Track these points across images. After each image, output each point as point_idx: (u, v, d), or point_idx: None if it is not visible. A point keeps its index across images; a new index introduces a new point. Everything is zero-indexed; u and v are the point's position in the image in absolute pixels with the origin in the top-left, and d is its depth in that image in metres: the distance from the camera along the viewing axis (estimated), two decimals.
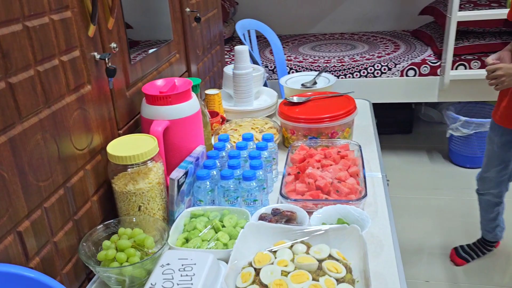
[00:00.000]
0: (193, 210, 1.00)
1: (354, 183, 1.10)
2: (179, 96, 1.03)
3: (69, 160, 0.81)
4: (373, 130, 1.49)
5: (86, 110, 0.87)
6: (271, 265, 0.79)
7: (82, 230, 0.86)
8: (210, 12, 1.71)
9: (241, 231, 0.88)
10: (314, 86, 1.61)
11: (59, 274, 0.79)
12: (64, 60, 0.79)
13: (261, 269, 0.78)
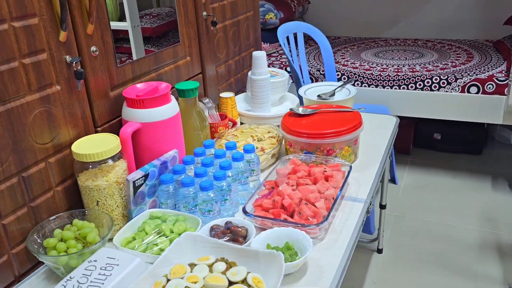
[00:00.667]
0: (153, 212, 1.04)
1: (322, 207, 1.05)
2: (152, 101, 1.07)
3: (26, 152, 0.90)
4: (384, 150, 1.39)
5: (52, 108, 0.95)
6: (180, 279, 0.80)
7: (40, 216, 0.95)
8: (241, 15, 1.72)
9: (175, 240, 0.90)
10: (331, 98, 1.54)
11: (8, 253, 0.89)
12: (26, 63, 0.88)
13: (170, 281, 0.80)
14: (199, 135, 1.33)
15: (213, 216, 1.02)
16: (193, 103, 1.31)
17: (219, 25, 1.58)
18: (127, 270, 0.83)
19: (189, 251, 0.90)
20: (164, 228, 0.96)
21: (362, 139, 1.45)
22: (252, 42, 1.85)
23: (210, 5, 1.50)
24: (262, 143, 1.36)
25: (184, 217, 1.02)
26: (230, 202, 1.07)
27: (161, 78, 1.30)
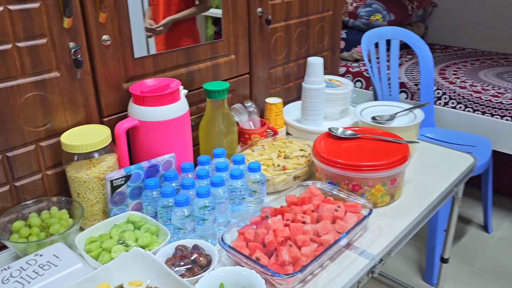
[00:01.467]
0: (132, 215, 0.98)
1: (309, 254, 0.88)
2: (153, 99, 1.01)
3: (12, 133, 0.92)
4: (438, 195, 1.13)
5: (48, 93, 0.95)
6: None
7: (23, 197, 0.97)
8: (314, 14, 1.55)
9: (123, 254, 0.84)
10: (388, 122, 1.30)
11: None
12: (20, 46, 0.88)
13: None
14: (222, 139, 1.24)
15: (184, 235, 0.93)
16: (220, 105, 1.22)
17: (280, 23, 1.44)
18: (61, 274, 0.80)
19: (133, 269, 0.82)
20: (127, 236, 0.91)
21: (416, 176, 1.21)
22: (326, 45, 1.67)
23: (270, 2, 1.38)
24: (287, 161, 1.21)
25: (157, 228, 0.95)
26: (211, 223, 0.96)
27: (192, 75, 1.23)
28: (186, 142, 1.10)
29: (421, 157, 1.35)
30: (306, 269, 0.84)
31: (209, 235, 0.97)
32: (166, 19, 1.14)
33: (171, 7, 1.16)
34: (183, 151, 1.09)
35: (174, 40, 1.18)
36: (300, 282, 0.87)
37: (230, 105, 1.37)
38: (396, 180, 1.10)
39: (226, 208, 1.01)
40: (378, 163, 1.06)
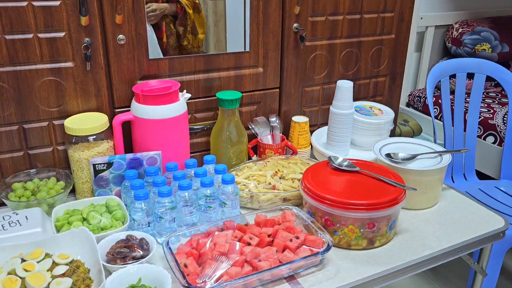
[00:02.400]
0: (111, 199, 1.07)
1: (232, 273, 0.86)
2: (147, 98, 1.09)
3: (28, 108, 1.09)
4: (425, 255, 0.98)
5: (62, 80, 1.09)
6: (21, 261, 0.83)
7: (34, 162, 1.14)
8: (369, 36, 1.46)
9: (72, 228, 0.93)
10: (405, 162, 1.16)
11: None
12: (40, 37, 1.04)
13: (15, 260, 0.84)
14: (228, 148, 1.27)
15: (139, 227, 0.99)
16: (231, 114, 1.25)
17: (322, 42, 1.40)
18: (19, 233, 0.92)
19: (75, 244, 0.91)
20: (91, 216, 1.00)
21: (420, 227, 1.09)
22: (384, 70, 1.56)
23: (310, 18, 1.35)
24: (280, 182, 1.18)
25: (123, 216, 1.03)
26: (167, 222, 1.00)
27: (211, 82, 1.28)
28: (179, 143, 1.16)
29: (443, 208, 1.18)
30: (215, 286, 0.83)
31: (167, 233, 1.01)
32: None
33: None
34: (175, 151, 1.15)
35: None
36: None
37: (254, 117, 1.39)
38: (375, 225, 0.99)
39: (191, 212, 1.04)
40: (352, 201, 0.98)
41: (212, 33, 1.35)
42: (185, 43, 1.32)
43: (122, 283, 0.84)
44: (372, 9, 1.45)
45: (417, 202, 1.17)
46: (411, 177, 1.14)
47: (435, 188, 1.18)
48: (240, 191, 1.14)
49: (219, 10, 1.35)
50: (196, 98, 1.29)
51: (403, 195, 1.02)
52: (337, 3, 1.38)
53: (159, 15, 1.28)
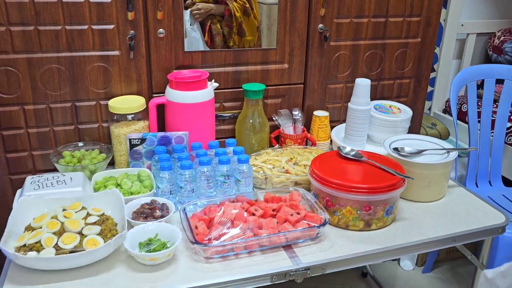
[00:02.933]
0: (142, 171, 1.24)
1: (233, 235, 0.99)
2: (178, 84, 1.25)
3: (80, 89, 1.28)
4: (416, 240, 1.05)
5: (109, 66, 1.27)
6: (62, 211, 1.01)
7: (82, 136, 1.33)
8: (393, 39, 1.53)
9: (106, 190, 1.10)
10: (412, 156, 1.23)
11: (53, 147, 1.31)
12: (93, 28, 1.22)
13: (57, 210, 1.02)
14: (250, 136, 1.40)
15: (162, 193, 1.15)
16: (254, 104, 1.38)
17: (346, 42, 1.49)
18: (63, 189, 1.11)
19: (108, 202, 1.08)
20: (124, 182, 1.17)
21: (418, 216, 1.17)
22: (409, 73, 1.62)
23: (335, 20, 1.45)
24: (294, 167, 1.29)
25: (151, 184, 1.19)
26: (187, 192, 1.14)
27: (239, 74, 1.42)
28: (205, 126, 1.31)
29: (447, 202, 1.25)
30: (218, 244, 0.96)
31: (185, 201, 1.16)
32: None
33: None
34: (201, 133, 1.30)
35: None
36: (221, 258, 0.99)
37: (278, 109, 1.51)
38: (371, 208, 1.08)
39: (209, 186, 1.18)
40: (351, 184, 1.07)
41: (265, 36, 1.47)
42: (231, 44, 1.45)
43: (142, 235, 1.00)
44: (397, 13, 1.53)
45: (421, 195, 1.24)
46: (415, 170, 1.21)
47: (439, 183, 1.24)
48: (256, 173, 1.26)
49: (273, 14, 1.45)
50: (225, 88, 1.43)
51: (400, 183, 1.10)
52: (362, 6, 1.47)
53: (204, 13, 1.42)
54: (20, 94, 1.24)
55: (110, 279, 0.91)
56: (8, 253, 0.88)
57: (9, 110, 1.25)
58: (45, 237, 0.92)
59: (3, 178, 1.31)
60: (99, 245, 0.92)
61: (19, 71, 1.22)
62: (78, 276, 0.91)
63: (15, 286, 0.89)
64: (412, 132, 1.64)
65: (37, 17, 1.18)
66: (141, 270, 0.94)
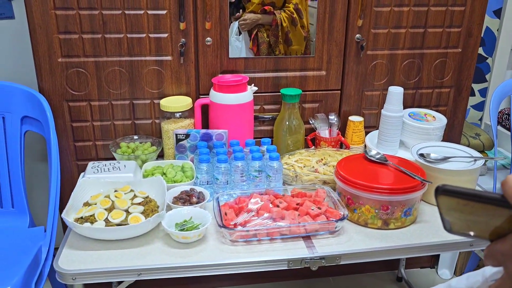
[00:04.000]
0: (186, 163, 1.39)
1: (257, 223, 1.10)
2: (220, 87, 1.39)
3: (137, 89, 1.46)
4: (433, 241, 1.10)
5: (162, 69, 1.44)
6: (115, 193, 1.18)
7: (137, 130, 1.51)
8: (432, 49, 1.57)
9: (152, 177, 1.26)
10: (438, 163, 1.27)
11: (112, 138, 1.50)
12: (150, 36, 1.40)
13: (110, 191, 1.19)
14: (286, 137, 1.51)
15: (200, 183, 1.29)
16: (291, 107, 1.49)
17: (383, 51, 1.56)
18: (117, 175, 1.29)
19: (152, 187, 1.24)
20: (168, 171, 1.32)
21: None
22: (448, 82, 1.64)
23: (373, 30, 1.52)
24: (323, 167, 1.38)
25: (192, 175, 1.34)
26: (222, 183, 1.28)
27: (279, 80, 1.53)
28: (244, 125, 1.44)
29: None
30: (242, 229, 1.08)
31: (220, 191, 1.29)
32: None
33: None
34: (239, 132, 1.43)
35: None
36: (244, 242, 1.11)
37: (315, 113, 1.60)
38: (388, 208, 1.14)
39: (242, 180, 1.30)
40: (370, 184, 1.15)
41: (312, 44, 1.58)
42: (277, 52, 1.57)
43: (178, 217, 1.15)
44: (436, 24, 1.57)
45: None
46: (439, 175, 1.26)
47: None
48: (287, 170, 1.37)
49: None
50: (265, 92, 1.55)
51: (419, 186, 1.16)
52: (400, 17, 1.53)
53: (250, 24, 1.56)
54: (88, 92, 1.45)
55: (148, 252, 1.07)
56: (69, 222, 1.06)
57: (79, 105, 1.47)
58: (98, 212, 1.10)
59: (72, 163, 1.53)
60: (141, 221, 1.08)
61: (88, 72, 1.43)
62: (122, 247, 1.08)
63: (72, 250, 1.07)
64: (451, 141, 1.66)
65: (104, 26, 1.38)
66: (175, 246, 1.09)
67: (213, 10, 1.42)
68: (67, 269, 1.01)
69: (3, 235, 1.38)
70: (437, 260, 2.01)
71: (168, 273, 1.04)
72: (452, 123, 1.73)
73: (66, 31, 1.37)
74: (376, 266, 1.98)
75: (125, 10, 1.38)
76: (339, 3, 1.48)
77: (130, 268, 1.02)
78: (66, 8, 1.35)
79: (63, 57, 1.40)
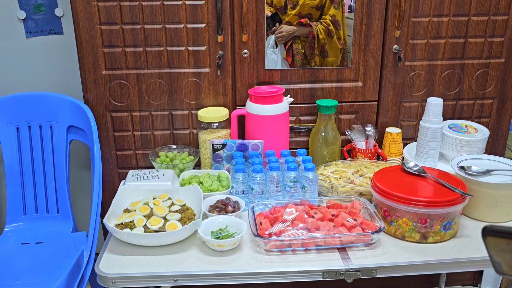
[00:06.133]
0: (222, 172, 1.42)
1: (292, 233, 1.10)
2: (256, 98, 1.41)
3: (176, 100, 1.50)
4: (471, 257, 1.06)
5: (200, 81, 1.48)
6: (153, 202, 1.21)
7: (176, 140, 1.55)
8: (473, 59, 1.53)
9: (189, 186, 1.29)
10: (479, 176, 1.22)
11: (151, 147, 1.55)
12: (189, 49, 1.44)
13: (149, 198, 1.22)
14: (322, 148, 1.51)
15: (236, 193, 1.30)
16: (327, 119, 1.49)
17: (422, 62, 1.53)
18: (155, 183, 1.32)
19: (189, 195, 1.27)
20: (205, 181, 1.35)
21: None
22: (491, 93, 1.60)
23: (411, 41, 1.50)
24: (359, 179, 1.36)
25: (228, 184, 1.35)
26: (257, 193, 1.29)
27: (315, 91, 1.53)
28: (279, 136, 1.44)
29: None
30: (277, 239, 1.08)
31: (255, 201, 1.30)
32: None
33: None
34: (275, 142, 1.44)
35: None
36: (279, 252, 1.11)
37: (352, 124, 1.59)
38: (427, 221, 1.12)
39: (277, 190, 1.31)
40: (407, 197, 1.12)
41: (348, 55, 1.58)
42: (313, 64, 1.58)
43: (214, 225, 1.16)
44: (478, 34, 1.53)
45: (487, 215, 1.24)
46: (481, 189, 1.22)
47: (508, 204, 1.22)
48: (322, 181, 1.36)
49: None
50: (301, 103, 1.56)
51: (459, 200, 1.12)
52: (440, 28, 1.51)
53: (287, 36, 1.57)
54: (130, 103, 1.51)
55: (184, 258, 1.09)
56: (109, 227, 1.10)
57: (120, 116, 1.53)
58: (137, 218, 1.14)
59: (113, 171, 1.59)
60: (178, 228, 1.10)
61: (130, 84, 1.48)
62: (160, 252, 1.11)
63: (112, 254, 1.11)
64: (495, 154, 1.60)
65: (146, 40, 1.44)
66: (210, 254, 1.11)
67: (250, 22, 1.45)
68: (108, 273, 1.05)
69: (48, 239, 1.45)
70: (480, 277, 1.93)
71: (203, 279, 1.05)
72: (496, 135, 1.67)
73: (110, 45, 1.44)
74: (415, 282, 1.92)
75: (166, 24, 1.43)
76: (376, 14, 1.48)
77: (167, 273, 1.05)
78: (111, 23, 1.42)
79: (107, 69, 1.47)
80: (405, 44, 1.52)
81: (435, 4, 1.48)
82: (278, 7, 1.47)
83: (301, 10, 1.49)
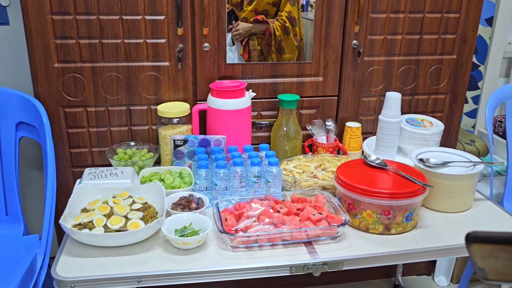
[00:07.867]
0: (184, 169, 1.38)
1: (258, 228, 1.08)
2: (218, 92, 1.38)
3: (134, 94, 1.45)
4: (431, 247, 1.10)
5: (159, 75, 1.43)
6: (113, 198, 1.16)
7: (135, 136, 1.50)
8: (427, 55, 1.59)
9: (149, 183, 1.24)
10: (437, 167, 1.27)
11: (108, 145, 1.49)
12: (148, 42, 1.39)
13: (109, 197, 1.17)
14: (284, 143, 1.51)
15: (199, 189, 1.27)
16: (288, 113, 1.49)
17: (380, 58, 1.57)
18: (114, 181, 1.27)
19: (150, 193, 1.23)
20: (166, 178, 1.31)
21: (442, 225, 1.22)
22: (444, 88, 1.66)
23: (369, 36, 1.53)
24: (322, 173, 1.37)
25: (190, 181, 1.32)
26: (221, 189, 1.26)
27: (276, 86, 1.53)
28: (241, 131, 1.43)
29: (472, 214, 1.28)
30: (244, 235, 1.07)
31: (219, 197, 1.28)
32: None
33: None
34: (237, 137, 1.42)
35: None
36: (245, 248, 1.09)
37: (312, 119, 1.60)
38: (390, 213, 1.14)
39: (241, 186, 1.29)
40: (370, 189, 1.14)
41: (308, 50, 1.56)
42: (269, 61, 1.55)
43: (178, 223, 1.13)
44: (432, 31, 1.58)
45: (444, 205, 1.28)
46: (439, 180, 1.26)
47: (464, 194, 1.27)
48: (285, 176, 1.36)
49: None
50: (263, 98, 1.55)
51: (420, 191, 1.16)
52: (396, 24, 1.55)
53: (243, 34, 1.54)
54: (84, 98, 1.43)
55: (148, 258, 1.05)
56: (66, 228, 1.04)
57: (75, 111, 1.45)
58: (96, 218, 1.08)
59: (67, 170, 1.51)
60: (141, 227, 1.06)
61: (85, 78, 1.41)
62: (121, 253, 1.06)
63: (70, 257, 1.05)
64: (448, 147, 1.67)
65: (102, 31, 1.37)
66: (175, 253, 1.07)
67: (211, 15, 1.42)
68: (66, 277, 0.99)
69: None
70: (433, 267, 2.01)
71: (168, 279, 1.02)
72: (448, 129, 1.74)
73: (62, 36, 1.36)
74: (374, 274, 1.97)
75: (123, 15, 1.37)
76: (336, 9, 1.49)
77: (130, 275, 1.00)
78: (63, 13, 1.34)
79: (60, 62, 1.39)
80: (364, 39, 1.54)
81: (393, 1, 1.52)
82: (234, 3, 1.44)
83: (257, 6, 1.48)
